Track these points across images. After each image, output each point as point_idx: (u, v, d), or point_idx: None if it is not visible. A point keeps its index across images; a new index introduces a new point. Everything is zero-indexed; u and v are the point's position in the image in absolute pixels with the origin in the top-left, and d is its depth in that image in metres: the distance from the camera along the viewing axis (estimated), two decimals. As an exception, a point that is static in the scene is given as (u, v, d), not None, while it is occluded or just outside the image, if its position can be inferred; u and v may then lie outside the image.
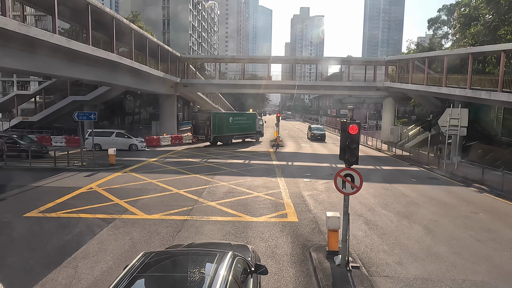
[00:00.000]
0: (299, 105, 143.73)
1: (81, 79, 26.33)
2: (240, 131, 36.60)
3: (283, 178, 18.52)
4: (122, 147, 27.75)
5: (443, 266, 8.44)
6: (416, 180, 19.49)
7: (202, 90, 47.02)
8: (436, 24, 42.83)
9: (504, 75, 21.19)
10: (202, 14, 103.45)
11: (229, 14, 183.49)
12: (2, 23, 15.04)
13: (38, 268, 7.80)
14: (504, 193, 16.01)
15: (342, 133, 8.09)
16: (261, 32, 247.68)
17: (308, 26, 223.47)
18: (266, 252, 8.92)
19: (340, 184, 7.95)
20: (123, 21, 26.62)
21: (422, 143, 30.73)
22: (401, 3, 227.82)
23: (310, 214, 12.27)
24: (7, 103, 42.73)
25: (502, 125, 27.68)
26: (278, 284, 7.42)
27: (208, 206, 12.86)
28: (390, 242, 9.92)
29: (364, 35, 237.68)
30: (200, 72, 53.96)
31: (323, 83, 43.43)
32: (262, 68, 51.37)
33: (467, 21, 33.19)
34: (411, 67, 33.43)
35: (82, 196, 14.03)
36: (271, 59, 42.42)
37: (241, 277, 4.98)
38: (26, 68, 19.73)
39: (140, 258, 4.84)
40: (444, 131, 22.24)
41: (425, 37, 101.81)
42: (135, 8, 67.46)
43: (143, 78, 31.43)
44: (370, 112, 66.08)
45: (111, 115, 46.76)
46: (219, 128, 32.81)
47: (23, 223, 10.73)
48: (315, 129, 45.33)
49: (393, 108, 41.26)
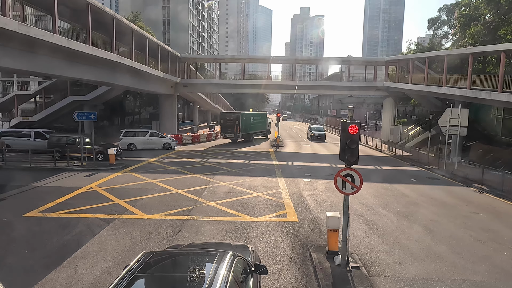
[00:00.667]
0: (299, 105, 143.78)
1: (81, 79, 26.32)
2: (257, 129, 40.42)
3: (283, 178, 18.52)
4: (157, 146, 28.81)
5: (443, 266, 8.44)
6: (416, 180, 19.48)
7: (202, 90, 47.04)
8: (436, 24, 42.80)
9: (504, 75, 21.18)
10: (202, 14, 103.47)
11: (229, 14, 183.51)
12: (2, 23, 15.04)
13: (38, 268, 7.80)
14: (504, 193, 16.00)
15: (342, 133, 8.09)
16: (261, 32, 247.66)
17: (308, 26, 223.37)
18: (266, 252, 8.92)
19: (340, 184, 7.95)
20: (123, 21, 26.62)
21: (422, 143, 30.74)
22: (401, 3, 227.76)
23: (310, 214, 12.27)
24: (7, 103, 42.72)
25: (502, 125, 27.67)
26: (278, 284, 7.43)
27: (208, 206, 12.86)
28: (390, 242, 9.92)
29: (364, 35, 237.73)
30: (200, 72, 54.00)
31: (323, 83, 43.44)
32: (262, 68, 51.38)
33: (467, 21, 33.19)
34: (411, 67, 33.42)
35: (82, 196, 14.04)
36: (271, 59, 42.42)
37: (241, 277, 4.98)
38: (26, 68, 19.71)
39: (140, 258, 4.84)
40: (444, 131, 22.24)
41: (425, 37, 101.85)
42: (135, 8, 67.52)
43: (143, 78, 31.43)
44: (370, 112, 66.11)
45: (111, 115, 46.78)
46: (245, 127, 36.22)
47: (23, 223, 10.73)
48: (315, 129, 45.32)
49: (393, 108, 41.25)
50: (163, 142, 29.38)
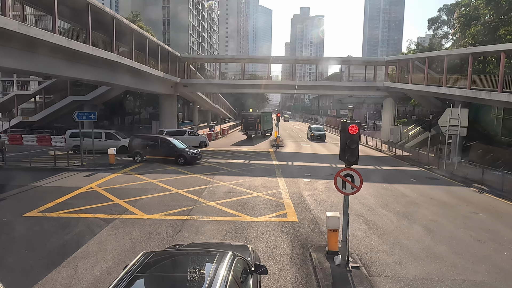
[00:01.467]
0: (299, 105, 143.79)
1: (81, 79, 26.33)
2: (269, 127, 46.60)
3: (283, 178, 18.52)
4: (195, 144, 30.68)
5: (443, 266, 8.44)
6: (416, 180, 19.48)
7: (202, 90, 47.03)
8: (436, 24, 42.84)
9: (504, 75, 21.16)
10: (202, 14, 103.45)
11: (229, 14, 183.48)
12: (2, 23, 15.03)
13: (38, 268, 7.79)
14: (504, 193, 16.00)
15: (342, 133, 8.09)
16: (261, 32, 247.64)
17: (308, 26, 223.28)
18: (266, 252, 8.91)
19: (340, 184, 7.95)
20: (123, 21, 26.60)
21: (422, 143, 30.73)
22: (401, 3, 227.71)
23: (310, 214, 12.27)
24: (7, 103, 42.76)
25: (502, 125, 27.66)
26: (278, 284, 7.42)
27: (208, 206, 12.86)
28: (390, 242, 9.92)
29: (364, 35, 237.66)
30: (200, 72, 53.97)
31: (323, 83, 43.42)
32: (262, 68, 51.44)
33: (467, 21, 33.19)
34: (411, 67, 33.41)
35: (82, 196, 14.03)
36: (271, 59, 42.41)
37: (241, 277, 4.98)
38: (26, 68, 19.71)
39: (140, 258, 4.83)
40: (444, 131, 22.23)
41: (425, 37, 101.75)
42: (135, 8, 67.47)
43: (143, 78, 31.42)
44: (370, 112, 66.09)
45: (111, 115, 46.80)
46: (263, 125, 42.57)
47: (23, 223, 10.73)
48: (315, 129, 45.32)
49: (393, 108, 41.25)
50: (200, 140, 32.19)
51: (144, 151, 22.32)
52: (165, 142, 22.64)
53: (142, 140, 23.14)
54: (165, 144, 22.48)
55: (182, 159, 21.69)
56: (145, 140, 23.26)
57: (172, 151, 21.95)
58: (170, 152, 21.98)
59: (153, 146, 22.51)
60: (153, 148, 22.40)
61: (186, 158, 21.72)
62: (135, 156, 22.27)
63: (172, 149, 22.04)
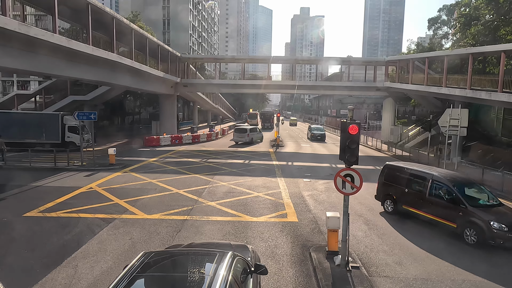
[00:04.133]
0: (299, 105, 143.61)
1: (81, 79, 26.32)
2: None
3: (283, 178, 18.51)
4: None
5: (443, 266, 8.44)
6: (416, 180, 19.43)
7: (202, 90, 47.02)
8: (436, 24, 42.79)
9: (504, 75, 21.14)
10: (202, 14, 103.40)
11: (229, 14, 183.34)
12: (2, 23, 15.03)
13: (38, 268, 7.80)
14: (504, 193, 15.97)
15: (342, 133, 8.09)
16: (261, 32, 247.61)
17: (308, 26, 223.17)
18: (266, 252, 8.91)
19: (340, 184, 7.95)
20: (123, 21, 26.61)
21: (422, 144, 30.70)
22: (401, 3, 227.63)
23: (310, 214, 12.27)
24: (7, 103, 42.65)
25: (502, 125, 27.65)
26: (278, 284, 7.42)
27: (208, 206, 12.86)
28: (390, 242, 9.92)
29: (364, 35, 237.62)
30: (200, 72, 53.98)
31: (323, 83, 43.42)
32: (262, 68, 51.40)
33: (467, 21, 33.18)
34: (411, 67, 33.40)
35: (82, 196, 14.03)
36: (271, 59, 42.43)
37: (241, 277, 4.99)
38: (27, 68, 19.71)
39: (140, 258, 4.84)
40: (444, 131, 22.17)
41: (425, 37, 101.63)
42: (135, 8, 67.46)
43: (143, 78, 31.42)
44: (370, 112, 66.04)
45: (111, 115, 46.83)
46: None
47: (23, 223, 10.73)
48: (315, 129, 45.26)
49: (393, 108, 41.24)
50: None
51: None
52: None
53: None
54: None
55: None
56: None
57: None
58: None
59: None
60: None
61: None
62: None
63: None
